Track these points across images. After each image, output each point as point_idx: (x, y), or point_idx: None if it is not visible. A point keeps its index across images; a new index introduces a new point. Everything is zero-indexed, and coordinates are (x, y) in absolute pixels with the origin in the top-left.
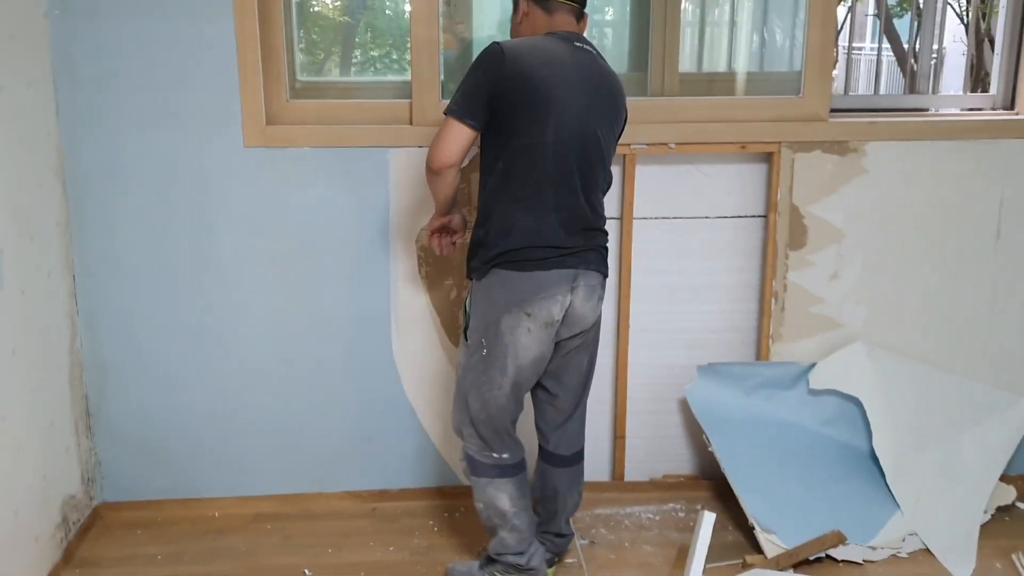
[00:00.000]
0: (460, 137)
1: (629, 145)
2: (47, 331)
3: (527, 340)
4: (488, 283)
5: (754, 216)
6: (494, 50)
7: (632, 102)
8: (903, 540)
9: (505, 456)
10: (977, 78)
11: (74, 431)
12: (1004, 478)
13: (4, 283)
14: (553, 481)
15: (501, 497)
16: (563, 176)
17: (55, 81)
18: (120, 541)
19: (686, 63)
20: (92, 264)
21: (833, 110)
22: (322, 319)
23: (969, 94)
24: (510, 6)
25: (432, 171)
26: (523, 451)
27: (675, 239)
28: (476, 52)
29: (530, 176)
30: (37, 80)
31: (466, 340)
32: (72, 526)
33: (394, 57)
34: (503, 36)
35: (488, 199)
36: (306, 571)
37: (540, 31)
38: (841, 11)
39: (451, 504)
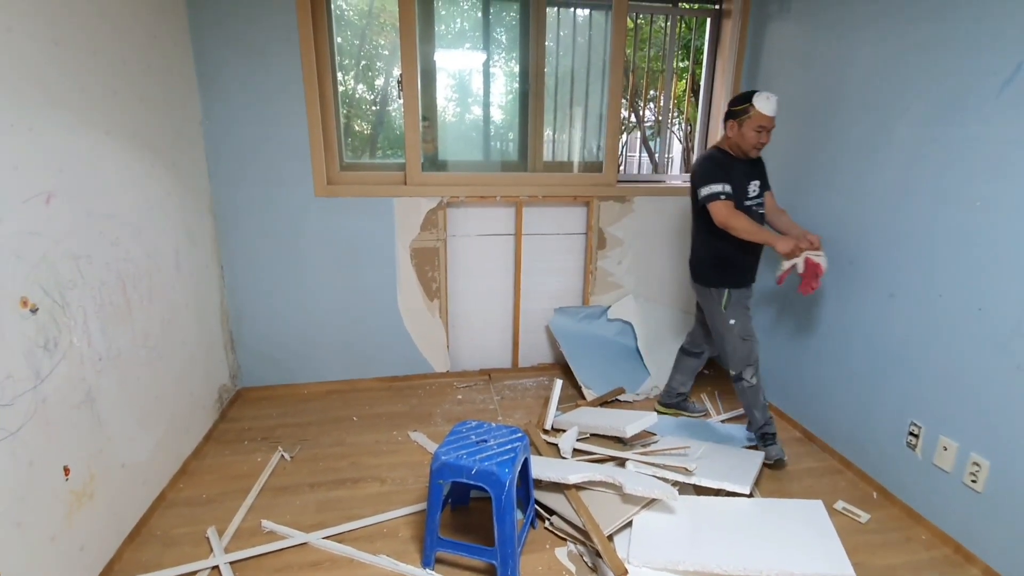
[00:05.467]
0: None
1: (519, 197)
2: (206, 296)
3: None
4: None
5: (581, 233)
6: None
7: (519, 176)
8: (651, 390)
9: None
10: (688, 167)
11: (224, 349)
12: None
13: (182, 269)
14: None
15: None
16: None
17: (208, 158)
18: (252, 408)
19: (547, 156)
20: (231, 259)
21: (619, 181)
22: (360, 286)
23: (683, 174)
24: (451, 132)
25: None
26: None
27: (544, 245)
28: (439, 156)
29: None
30: (197, 158)
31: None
32: (224, 400)
33: (396, 151)
34: (452, 146)
35: None
36: (354, 417)
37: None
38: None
39: (425, 382)
